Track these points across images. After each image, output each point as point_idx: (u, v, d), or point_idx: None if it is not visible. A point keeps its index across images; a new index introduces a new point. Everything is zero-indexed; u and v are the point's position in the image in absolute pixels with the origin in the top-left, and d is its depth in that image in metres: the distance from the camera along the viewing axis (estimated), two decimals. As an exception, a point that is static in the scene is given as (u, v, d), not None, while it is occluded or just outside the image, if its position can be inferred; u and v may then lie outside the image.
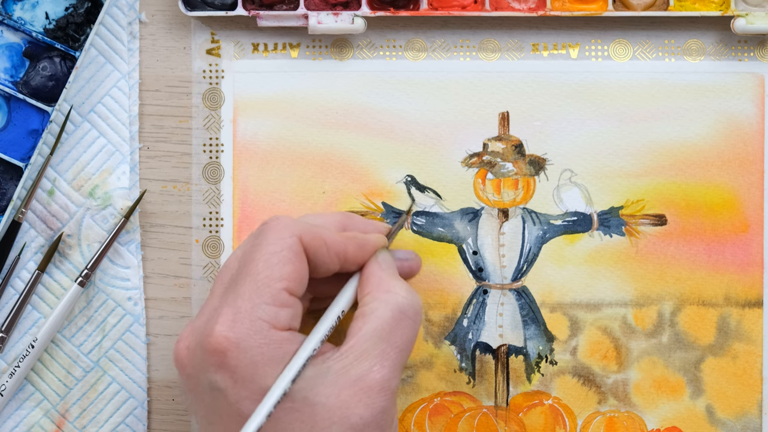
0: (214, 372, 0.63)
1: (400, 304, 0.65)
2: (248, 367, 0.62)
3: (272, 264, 0.64)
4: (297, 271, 0.64)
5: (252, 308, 0.63)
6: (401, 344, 0.65)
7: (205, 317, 0.65)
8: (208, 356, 0.63)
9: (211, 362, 0.63)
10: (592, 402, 0.76)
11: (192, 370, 0.64)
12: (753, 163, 0.76)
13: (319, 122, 0.76)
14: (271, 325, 0.63)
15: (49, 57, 0.75)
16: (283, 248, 0.64)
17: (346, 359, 0.64)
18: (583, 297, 0.76)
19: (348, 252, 0.67)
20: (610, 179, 0.76)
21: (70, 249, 0.76)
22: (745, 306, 0.76)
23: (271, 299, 0.63)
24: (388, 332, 0.64)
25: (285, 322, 0.63)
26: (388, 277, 0.67)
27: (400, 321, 0.65)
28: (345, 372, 0.63)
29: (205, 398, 0.64)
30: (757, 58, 0.76)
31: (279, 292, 0.63)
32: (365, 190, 0.76)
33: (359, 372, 0.63)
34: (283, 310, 0.63)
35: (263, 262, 0.64)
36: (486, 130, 0.76)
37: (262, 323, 0.63)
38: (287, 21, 0.75)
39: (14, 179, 0.75)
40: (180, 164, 0.77)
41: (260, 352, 0.62)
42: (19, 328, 0.76)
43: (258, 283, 0.63)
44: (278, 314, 0.63)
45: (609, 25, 0.76)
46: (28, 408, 0.76)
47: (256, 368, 0.62)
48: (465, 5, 0.75)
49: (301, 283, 0.65)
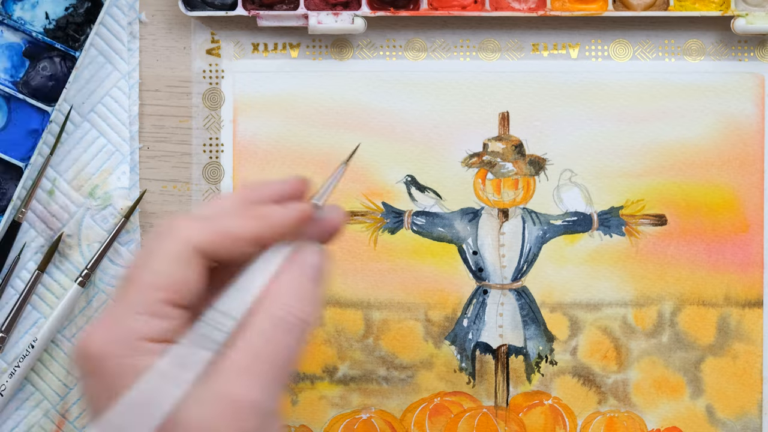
0: (84, 377, 0.59)
1: (283, 318, 0.58)
2: (113, 377, 0.57)
3: (155, 272, 0.58)
4: (180, 281, 0.58)
5: (124, 316, 0.58)
6: (281, 363, 0.58)
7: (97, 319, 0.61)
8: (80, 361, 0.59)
9: (82, 367, 0.59)
10: (592, 402, 0.76)
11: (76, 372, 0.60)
12: (753, 163, 0.76)
13: (319, 122, 0.76)
14: (142, 336, 0.58)
15: (49, 57, 0.75)
16: (167, 256, 0.59)
17: (219, 377, 0.57)
18: (583, 297, 0.76)
19: (260, 236, 0.59)
20: (610, 179, 0.76)
21: (70, 249, 0.76)
22: (745, 306, 0.76)
23: (144, 309, 0.58)
24: (267, 349, 0.57)
25: (158, 334, 0.58)
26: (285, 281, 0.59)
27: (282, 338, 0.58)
28: (222, 391, 0.57)
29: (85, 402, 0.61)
30: (757, 58, 0.76)
31: (155, 303, 0.58)
32: (365, 190, 0.76)
33: (231, 391, 0.57)
34: (158, 321, 0.58)
35: (147, 269, 0.59)
36: (486, 130, 0.76)
37: (131, 332, 0.58)
38: (287, 21, 0.75)
39: (14, 179, 0.75)
40: (180, 164, 0.77)
41: (126, 362, 0.57)
42: (19, 328, 0.76)
43: (138, 290, 0.58)
44: (151, 325, 0.58)
45: (609, 25, 0.76)
46: (28, 408, 0.76)
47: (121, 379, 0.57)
48: (465, 5, 0.75)
49: (186, 293, 0.59)
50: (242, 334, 0.57)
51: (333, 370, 0.76)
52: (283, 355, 0.58)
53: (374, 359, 0.76)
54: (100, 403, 0.58)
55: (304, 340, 0.59)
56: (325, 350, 0.76)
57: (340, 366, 0.76)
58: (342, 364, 0.76)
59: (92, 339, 0.58)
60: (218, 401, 0.56)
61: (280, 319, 0.58)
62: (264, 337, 0.58)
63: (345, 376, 0.76)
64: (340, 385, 0.76)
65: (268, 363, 0.57)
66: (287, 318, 0.58)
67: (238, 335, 0.57)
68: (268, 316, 0.58)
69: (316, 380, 0.76)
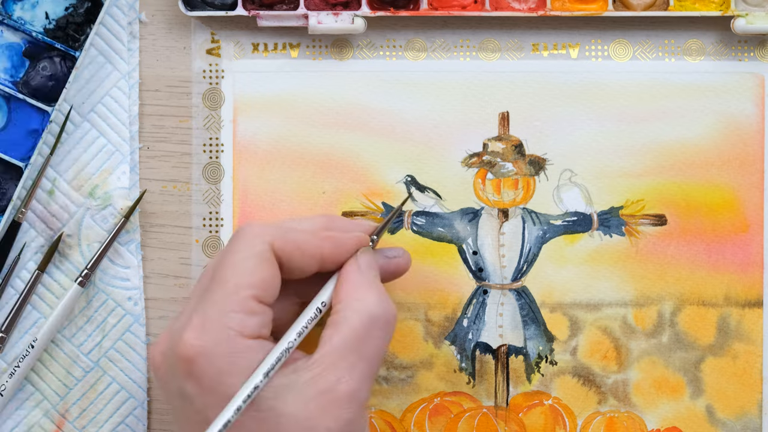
0: (183, 379, 0.62)
1: (371, 313, 0.64)
2: (214, 375, 0.62)
3: (241, 271, 0.63)
4: (266, 278, 0.64)
5: (220, 316, 0.62)
6: (371, 355, 0.64)
7: (179, 323, 0.64)
8: (177, 363, 0.62)
9: (180, 369, 0.62)
10: (592, 402, 0.76)
11: (164, 375, 0.64)
12: (753, 163, 0.76)
13: (319, 122, 0.76)
14: (239, 333, 0.62)
15: (49, 57, 0.75)
16: (253, 255, 0.64)
17: (315, 369, 0.63)
18: (583, 297, 0.76)
19: (324, 253, 0.66)
20: (610, 179, 0.76)
21: (70, 249, 0.76)
22: (745, 306, 0.76)
23: (238, 307, 0.63)
24: (358, 344, 0.63)
25: (253, 330, 0.63)
26: (363, 283, 0.66)
27: (370, 332, 0.64)
28: (313, 383, 0.62)
29: (176, 402, 0.64)
30: (757, 58, 0.76)
31: (247, 300, 0.63)
32: (365, 190, 0.76)
33: (327, 383, 0.62)
34: (251, 318, 0.63)
35: (232, 269, 0.63)
36: (486, 130, 0.76)
37: (229, 331, 0.62)
38: (287, 21, 0.75)
39: (14, 179, 0.75)
40: (180, 164, 0.77)
41: (227, 360, 0.62)
42: (19, 328, 0.76)
43: (227, 290, 0.63)
44: (246, 322, 0.63)
45: (609, 25, 0.76)
46: (28, 408, 0.76)
47: (223, 377, 0.62)
48: (465, 5, 0.75)
49: (270, 291, 0.64)
50: (334, 330, 0.63)
51: (333, 370, 0.76)
52: (374, 349, 0.64)
53: (374, 359, 0.76)
54: (198, 402, 0.62)
55: (390, 336, 0.65)
56: (325, 350, 0.76)
57: (340, 366, 0.76)
58: (342, 364, 0.76)
59: (188, 341, 0.62)
60: (317, 393, 0.62)
61: (369, 316, 0.64)
62: (356, 333, 0.63)
63: (345, 376, 0.76)
64: (340, 385, 0.76)
65: (362, 357, 0.63)
66: (369, 312, 0.64)
67: (330, 334, 0.64)
68: (357, 314, 0.64)
69: (316, 380, 0.76)
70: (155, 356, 0.65)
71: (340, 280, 0.66)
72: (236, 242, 0.65)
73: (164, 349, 0.65)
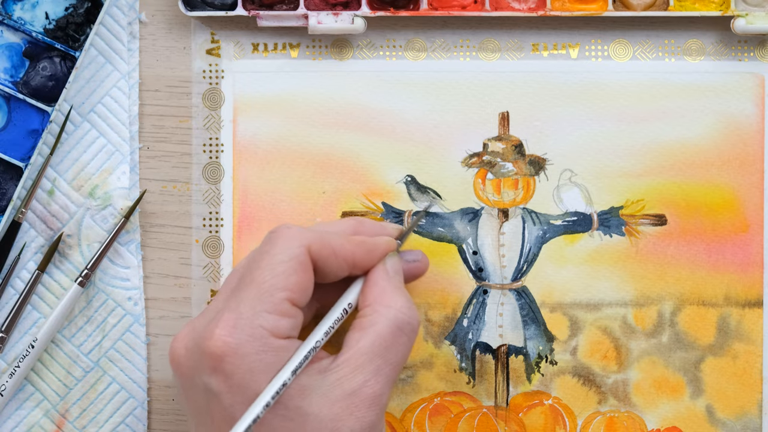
0: (210, 375, 0.63)
1: (399, 320, 0.65)
2: (245, 373, 0.62)
3: (278, 273, 0.64)
4: (301, 282, 0.64)
5: (253, 315, 0.63)
6: (396, 360, 0.65)
7: (206, 319, 0.65)
8: (205, 359, 0.63)
9: (207, 365, 0.63)
10: (592, 402, 0.76)
11: (187, 371, 0.65)
12: (753, 163, 0.76)
13: (319, 122, 0.76)
14: (271, 333, 0.63)
15: (49, 57, 0.75)
16: (291, 258, 0.64)
17: (341, 371, 0.64)
18: (583, 297, 0.76)
19: (356, 257, 0.67)
20: (610, 179, 0.76)
21: (70, 249, 0.76)
22: (745, 306, 0.76)
23: (273, 308, 0.63)
24: (384, 348, 0.65)
25: (285, 331, 0.63)
26: (391, 289, 0.67)
27: (397, 338, 0.65)
28: (339, 384, 0.63)
29: (199, 399, 0.64)
30: (757, 58, 0.76)
31: (281, 302, 0.63)
32: (365, 190, 0.76)
33: (353, 385, 0.63)
34: (284, 320, 0.64)
35: (269, 270, 0.64)
36: (486, 130, 0.76)
37: (262, 331, 0.63)
38: (287, 21, 0.75)
39: (14, 179, 0.75)
40: (180, 164, 0.77)
41: (258, 359, 0.62)
42: (19, 328, 0.76)
43: (262, 290, 0.63)
44: (279, 323, 0.63)
45: (609, 25, 0.76)
46: (28, 408, 0.76)
47: (252, 375, 0.62)
48: (465, 5, 0.75)
49: (304, 294, 0.65)
50: (362, 334, 0.65)
51: (333, 370, 0.76)
52: (399, 354, 0.65)
53: (374, 359, 0.76)
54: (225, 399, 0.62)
55: (413, 341, 0.66)
56: (325, 350, 0.76)
57: (340, 366, 0.76)
58: (342, 364, 0.76)
59: (220, 337, 0.62)
60: (343, 395, 0.63)
61: (396, 322, 0.65)
62: (382, 337, 0.64)
63: (345, 376, 0.76)
64: (340, 385, 0.76)
65: (388, 361, 0.64)
66: (395, 317, 0.65)
67: (357, 337, 0.65)
68: (386, 319, 0.65)
69: (316, 380, 0.76)
70: (178, 350, 0.65)
71: (369, 284, 0.67)
72: (273, 244, 0.65)
73: (188, 343, 0.65)
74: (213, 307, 0.65)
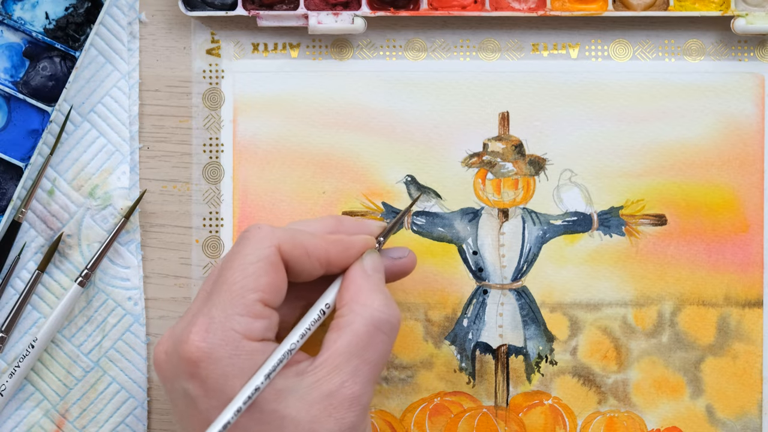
0: (187, 380, 0.62)
1: (375, 319, 0.64)
2: (219, 377, 0.62)
3: (248, 274, 0.63)
4: (273, 282, 0.64)
5: (225, 319, 0.62)
6: (375, 360, 0.64)
7: (183, 323, 0.64)
8: (182, 364, 0.62)
9: (184, 370, 0.62)
10: (592, 402, 0.76)
11: (169, 375, 0.64)
12: (753, 163, 0.76)
13: (319, 122, 0.76)
14: (244, 336, 0.62)
15: (49, 57, 0.75)
16: (260, 259, 0.63)
17: (319, 373, 0.63)
18: (583, 297, 0.76)
19: (330, 256, 0.66)
20: (610, 179, 0.76)
21: (70, 249, 0.76)
22: (745, 306, 0.76)
23: (244, 310, 0.63)
24: (361, 348, 0.64)
25: (258, 334, 0.63)
26: (368, 287, 0.65)
27: (375, 337, 0.64)
28: (317, 386, 0.63)
29: (179, 403, 0.64)
30: (757, 58, 0.76)
31: (253, 303, 0.63)
32: (365, 190, 0.76)
33: (330, 387, 0.63)
34: (257, 322, 0.63)
35: (240, 271, 0.63)
36: (486, 130, 0.76)
37: (234, 334, 0.62)
38: (287, 21, 0.75)
39: (14, 179, 0.75)
40: (180, 164, 0.77)
41: (231, 363, 0.62)
42: (19, 328, 0.76)
43: (233, 293, 0.63)
44: (252, 325, 0.63)
45: (609, 25, 0.76)
46: (28, 408, 0.76)
47: (227, 379, 0.62)
48: (465, 5, 0.75)
49: (277, 294, 0.64)
50: (338, 334, 0.63)
51: (333, 370, 0.76)
52: (378, 353, 0.64)
53: (374, 359, 0.76)
54: (201, 404, 0.62)
55: (394, 340, 0.65)
56: (325, 350, 0.76)
57: (340, 366, 0.76)
58: (342, 364, 0.76)
59: (193, 343, 0.62)
60: (320, 397, 0.62)
61: (374, 321, 0.64)
62: (359, 337, 0.63)
63: (345, 376, 0.76)
64: (340, 385, 0.76)
65: (366, 361, 0.63)
66: (372, 316, 0.64)
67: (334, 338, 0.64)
68: (362, 318, 0.64)
69: (316, 380, 0.76)
70: (159, 355, 0.65)
71: (346, 283, 0.66)
72: (243, 245, 0.64)
73: (168, 348, 0.65)
74: (190, 311, 0.65)
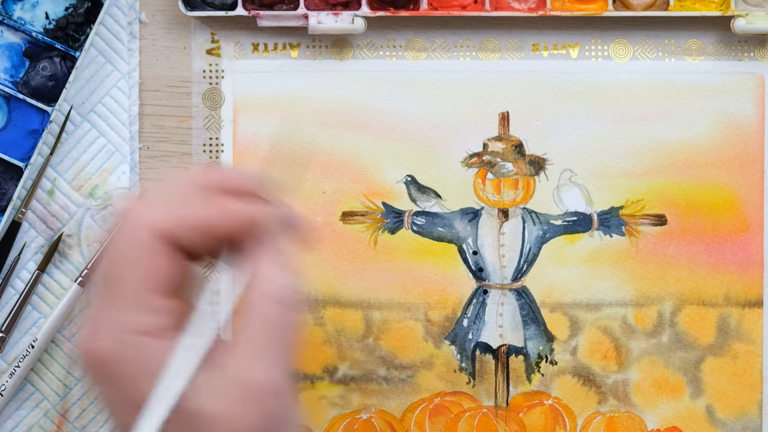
0: (95, 385, 0.56)
1: (276, 295, 0.56)
2: (121, 380, 0.55)
3: (127, 266, 0.55)
4: (154, 270, 0.56)
5: (114, 319, 0.55)
6: (283, 338, 0.57)
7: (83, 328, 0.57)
8: (87, 371, 0.56)
9: (90, 377, 0.56)
10: (592, 402, 0.76)
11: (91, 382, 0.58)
12: (753, 163, 0.76)
13: (319, 122, 0.76)
14: (140, 334, 0.55)
15: (49, 57, 0.75)
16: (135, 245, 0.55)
17: (232, 362, 0.56)
18: (583, 297, 0.76)
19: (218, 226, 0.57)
20: (610, 179, 0.76)
21: (70, 249, 0.76)
22: (745, 306, 0.76)
23: (135, 305, 0.55)
24: (268, 328, 0.56)
25: (155, 327, 0.55)
26: (266, 261, 0.57)
27: (282, 315, 0.56)
28: (233, 377, 0.55)
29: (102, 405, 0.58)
30: (757, 58, 0.76)
31: (141, 296, 0.55)
32: (365, 190, 0.76)
33: (245, 376, 0.55)
34: (153, 316, 0.55)
35: (119, 265, 0.56)
36: (486, 130, 0.76)
37: (127, 334, 0.55)
38: (287, 21, 0.75)
39: (14, 179, 0.75)
40: (180, 164, 0.77)
41: (131, 365, 0.55)
42: (19, 328, 0.76)
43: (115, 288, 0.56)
44: (146, 320, 0.55)
45: (609, 25, 0.76)
46: (28, 408, 0.76)
47: (129, 382, 0.55)
48: (465, 5, 0.75)
49: (165, 281, 0.56)
50: (245, 320, 0.56)
51: (333, 370, 0.76)
52: (283, 331, 0.57)
53: (374, 359, 0.76)
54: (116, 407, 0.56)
55: (299, 314, 0.57)
56: (325, 350, 0.76)
57: (340, 366, 0.76)
58: (342, 364, 0.76)
59: (96, 345, 0.55)
60: (233, 387, 0.55)
61: (271, 296, 0.56)
62: (261, 317, 0.56)
63: (345, 376, 0.76)
64: (340, 385, 0.76)
65: (272, 341, 0.56)
66: (277, 293, 0.57)
67: (241, 323, 0.56)
68: (259, 295, 0.56)
69: (316, 380, 0.76)
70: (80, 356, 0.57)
71: (248, 261, 0.58)
72: (118, 231, 0.57)
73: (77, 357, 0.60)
74: (87, 314, 0.57)
